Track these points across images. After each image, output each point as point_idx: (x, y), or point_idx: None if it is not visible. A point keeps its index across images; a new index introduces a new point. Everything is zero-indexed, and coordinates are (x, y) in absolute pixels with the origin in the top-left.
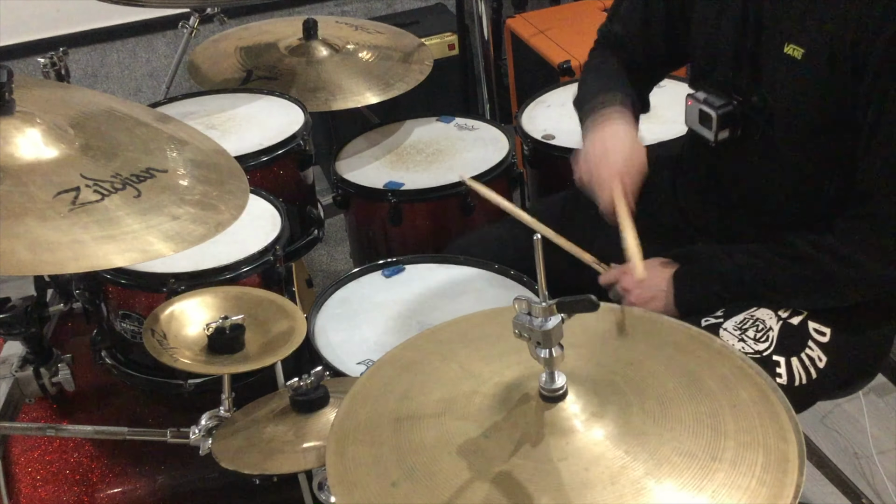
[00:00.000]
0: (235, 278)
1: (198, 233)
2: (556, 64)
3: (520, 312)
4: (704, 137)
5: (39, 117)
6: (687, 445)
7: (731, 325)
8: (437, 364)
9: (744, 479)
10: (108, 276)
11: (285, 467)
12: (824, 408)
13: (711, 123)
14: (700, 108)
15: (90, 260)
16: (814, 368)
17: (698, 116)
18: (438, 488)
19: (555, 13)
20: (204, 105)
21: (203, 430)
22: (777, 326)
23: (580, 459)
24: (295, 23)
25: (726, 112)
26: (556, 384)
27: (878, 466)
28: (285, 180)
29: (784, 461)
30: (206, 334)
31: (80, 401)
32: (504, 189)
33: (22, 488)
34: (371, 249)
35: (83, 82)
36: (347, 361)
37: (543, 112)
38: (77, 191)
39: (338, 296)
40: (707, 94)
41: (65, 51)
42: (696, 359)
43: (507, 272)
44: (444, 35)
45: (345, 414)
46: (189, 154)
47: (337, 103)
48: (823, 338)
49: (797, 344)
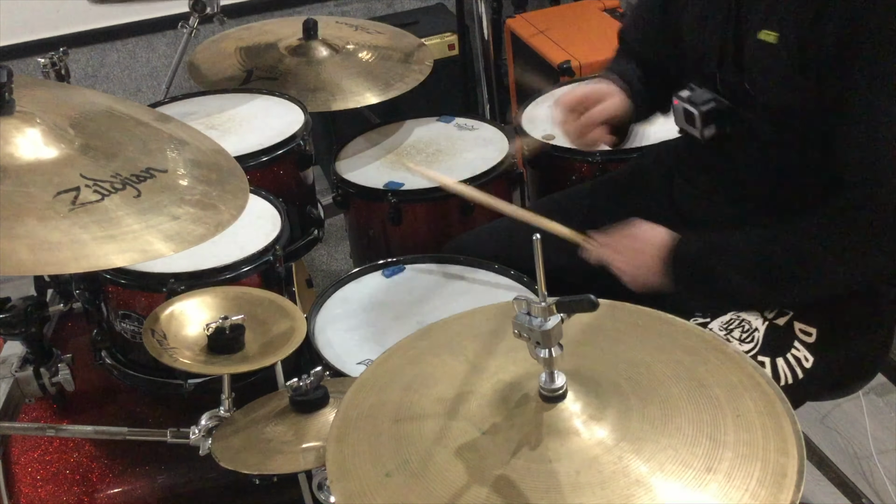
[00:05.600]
0: (235, 278)
1: (198, 233)
2: (556, 64)
3: (519, 312)
4: (693, 135)
5: (39, 117)
6: (683, 454)
7: (716, 326)
8: (445, 357)
9: (736, 493)
10: (108, 276)
11: (285, 467)
12: (824, 408)
13: (695, 121)
14: (684, 107)
15: (90, 260)
16: (800, 369)
17: (683, 115)
18: (431, 482)
19: (555, 13)
20: (204, 105)
21: (203, 430)
22: (763, 327)
23: (573, 462)
24: (295, 23)
25: (709, 109)
26: (555, 384)
27: (878, 466)
28: (285, 180)
29: (781, 476)
30: (206, 334)
31: (80, 401)
32: (504, 189)
33: (22, 488)
34: (371, 249)
35: (83, 82)
36: (347, 361)
37: (543, 112)
38: (77, 191)
39: (338, 296)
40: (691, 93)
41: (65, 51)
42: (706, 364)
43: (507, 272)
44: (444, 35)
45: (350, 402)
46: (189, 154)
47: (337, 103)
48: (809, 338)
49: (783, 344)
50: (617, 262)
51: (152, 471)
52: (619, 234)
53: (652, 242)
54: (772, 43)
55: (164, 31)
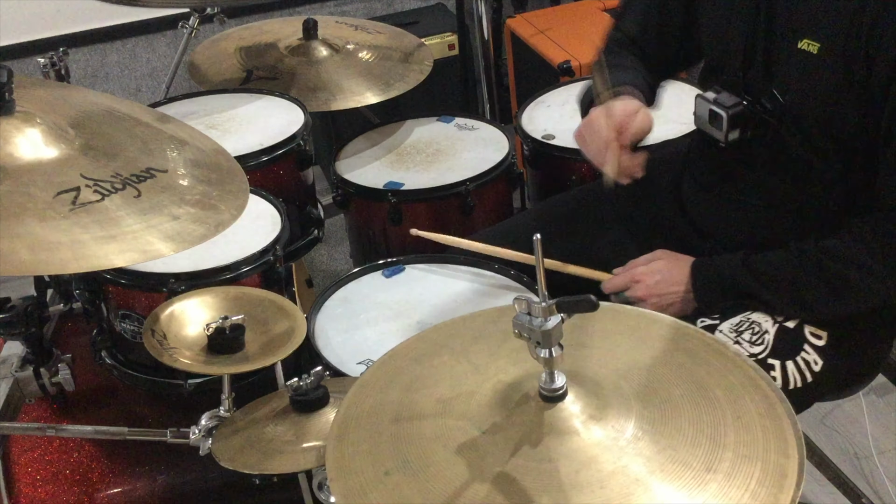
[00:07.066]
0: (235, 278)
1: (198, 233)
2: (556, 64)
3: (520, 312)
4: (714, 138)
5: (39, 117)
6: (683, 454)
7: (726, 328)
8: (445, 358)
9: (736, 492)
10: (108, 276)
11: (285, 467)
12: (824, 408)
13: (722, 124)
14: (710, 108)
15: (90, 260)
16: (809, 372)
17: (708, 117)
18: (430, 481)
19: (555, 13)
20: (204, 105)
21: (203, 430)
22: (773, 330)
23: (573, 461)
24: (295, 23)
25: (737, 112)
26: (555, 384)
27: (878, 466)
28: (285, 180)
29: (781, 476)
30: (206, 334)
31: (80, 401)
32: (504, 189)
33: (22, 488)
34: (371, 249)
35: (83, 82)
36: (347, 361)
37: (543, 112)
38: (77, 191)
39: (338, 296)
40: (717, 94)
41: (65, 51)
42: (707, 367)
43: (507, 272)
44: (444, 35)
45: (351, 401)
46: (189, 154)
47: (337, 103)
48: (820, 341)
49: (793, 348)
50: (640, 293)
51: (152, 471)
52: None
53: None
54: (813, 53)
55: (164, 31)
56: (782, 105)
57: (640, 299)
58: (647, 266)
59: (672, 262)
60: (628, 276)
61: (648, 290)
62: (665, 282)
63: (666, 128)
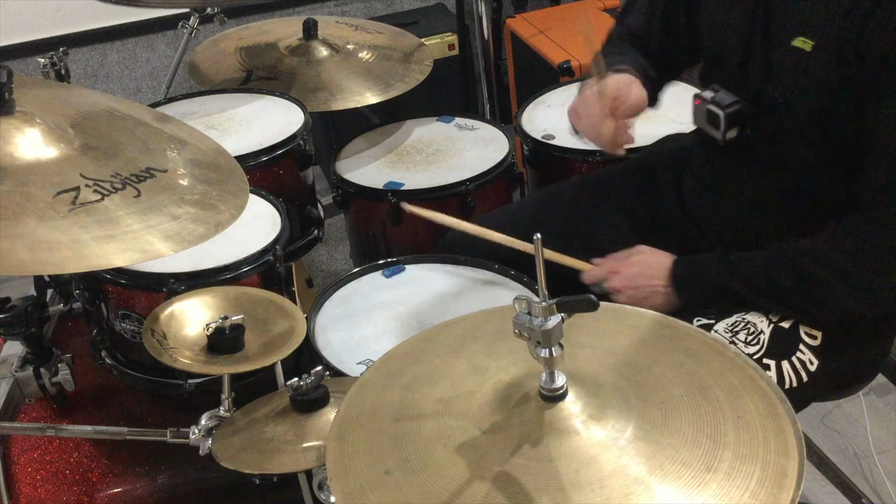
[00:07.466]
0: (235, 278)
1: (198, 233)
2: (556, 64)
3: (520, 312)
4: (712, 137)
5: (39, 117)
6: (682, 454)
7: (721, 328)
8: (445, 358)
9: (736, 492)
10: (107, 276)
11: (285, 467)
12: (824, 408)
13: (719, 123)
14: (708, 108)
15: (90, 260)
16: (805, 372)
17: (706, 116)
18: (430, 480)
19: (555, 13)
20: (204, 105)
21: (203, 430)
22: (768, 330)
23: (573, 460)
24: (295, 23)
25: (734, 111)
26: (555, 384)
27: (878, 466)
28: (285, 180)
29: (782, 476)
30: (205, 334)
31: (80, 401)
32: (504, 189)
33: (22, 488)
34: (371, 249)
35: (83, 82)
36: (347, 361)
37: (543, 112)
38: (77, 191)
39: (338, 296)
40: (714, 94)
41: (65, 51)
42: (707, 367)
43: (507, 272)
44: (444, 35)
45: (351, 400)
46: (189, 154)
47: (337, 103)
48: (815, 341)
49: (788, 348)
50: (615, 284)
51: (152, 471)
52: (623, 260)
53: (656, 269)
54: (806, 51)
55: (164, 31)
56: (779, 103)
57: (616, 290)
58: (626, 258)
59: (652, 256)
60: (607, 267)
61: (625, 281)
62: (642, 275)
63: (666, 128)
